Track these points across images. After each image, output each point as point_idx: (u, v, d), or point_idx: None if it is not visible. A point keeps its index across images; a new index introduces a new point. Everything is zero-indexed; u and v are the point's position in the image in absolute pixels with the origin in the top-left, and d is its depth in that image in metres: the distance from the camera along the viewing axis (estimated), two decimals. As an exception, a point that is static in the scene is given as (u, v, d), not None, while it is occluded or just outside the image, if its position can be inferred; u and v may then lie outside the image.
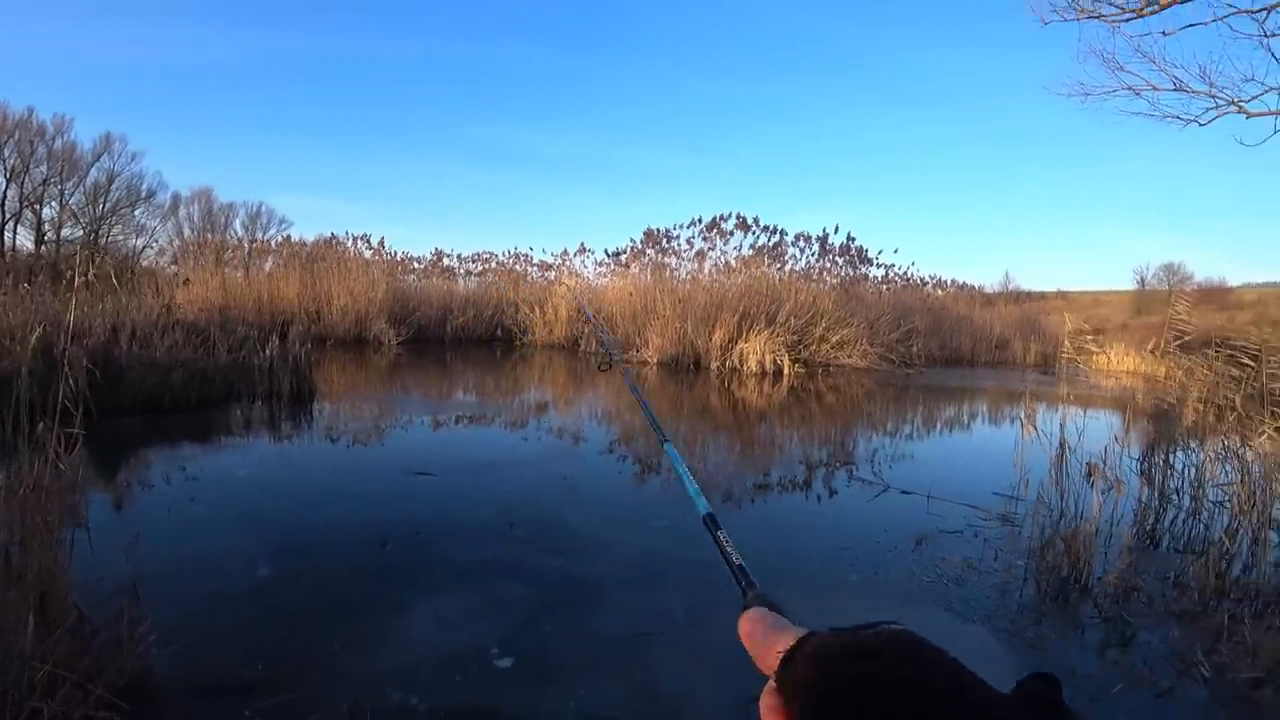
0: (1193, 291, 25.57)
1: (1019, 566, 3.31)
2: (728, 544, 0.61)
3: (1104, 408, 7.79)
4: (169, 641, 2.17)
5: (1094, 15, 5.70)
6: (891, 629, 0.33)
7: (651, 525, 3.80)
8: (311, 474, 4.51)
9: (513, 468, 4.96)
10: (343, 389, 8.38)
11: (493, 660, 2.29)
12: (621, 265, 15.88)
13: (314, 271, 14.27)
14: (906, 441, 7.02)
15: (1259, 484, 3.38)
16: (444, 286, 16.89)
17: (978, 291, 22.64)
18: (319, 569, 2.96)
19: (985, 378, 13.97)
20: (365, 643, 2.36)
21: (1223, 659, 2.44)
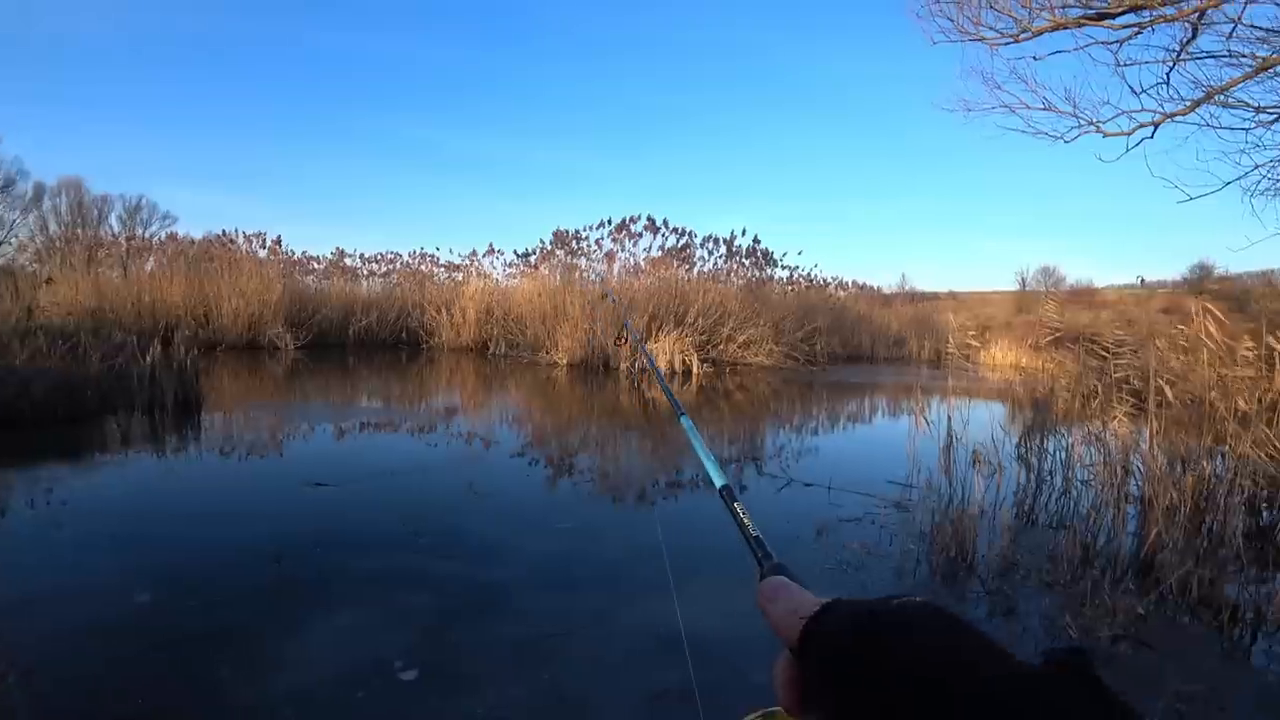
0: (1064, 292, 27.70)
1: (912, 550, 3.49)
2: (745, 515, 0.60)
3: (988, 399, 8.32)
4: (30, 680, 1.98)
5: (976, 38, 6.09)
6: (919, 600, 0.32)
7: (558, 527, 3.77)
8: (198, 491, 4.21)
9: (417, 475, 4.80)
10: (234, 398, 7.88)
11: (396, 673, 2.20)
12: (531, 267, 15.72)
13: (202, 271, 13.34)
14: (810, 436, 7.27)
15: (1118, 463, 3.70)
16: (346, 288, 16.15)
17: (876, 292, 23.81)
18: (205, 593, 2.75)
19: (883, 374, 14.66)
20: (258, 668, 2.22)
21: (1087, 621, 2.67)
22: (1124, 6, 5.24)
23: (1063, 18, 5.53)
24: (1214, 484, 3.50)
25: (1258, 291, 17.96)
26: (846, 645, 0.31)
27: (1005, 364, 14.43)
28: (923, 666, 0.28)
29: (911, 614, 0.31)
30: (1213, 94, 5.44)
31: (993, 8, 5.86)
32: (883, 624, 0.30)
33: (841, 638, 0.32)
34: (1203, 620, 2.80)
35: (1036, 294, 33.48)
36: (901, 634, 0.30)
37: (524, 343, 13.80)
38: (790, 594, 0.39)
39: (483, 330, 14.85)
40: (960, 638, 0.29)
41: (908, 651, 0.29)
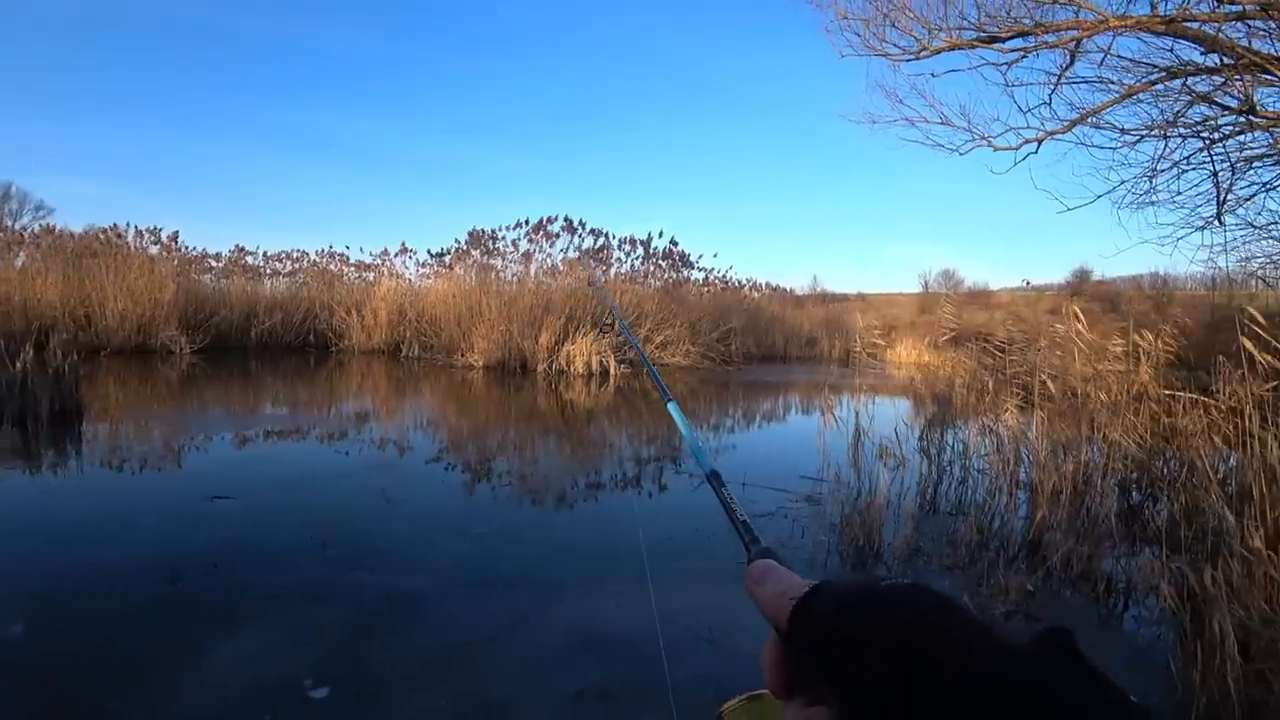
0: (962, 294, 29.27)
1: (824, 541, 3.62)
2: (733, 501, 0.59)
3: (893, 395, 8.74)
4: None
5: (880, 53, 6.40)
6: (907, 582, 0.32)
7: (473, 532, 3.70)
8: (79, 509, 3.86)
9: (327, 483, 4.61)
10: (122, 406, 7.32)
11: (307, 692, 2.10)
12: (445, 267, 15.37)
13: (83, 269, 12.24)
14: (726, 434, 7.44)
15: (1009, 452, 3.97)
16: (247, 288, 15.21)
17: (789, 294, 24.55)
18: (91, 619, 2.53)
19: (796, 373, 15.14)
20: (153, 697, 2.06)
21: (983, 599, 2.86)
22: (1012, 32, 5.63)
23: (958, 39, 5.88)
24: (1091, 469, 3.81)
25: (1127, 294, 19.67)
26: (835, 626, 0.31)
27: (909, 362, 15.20)
28: (912, 645, 0.28)
29: (900, 594, 0.30)
30: (1086, 115, 5.92)
31: (895, 26, 6.17)
32: (871, 603, 0.30)
33: (830, 619, 0.31)
34: (1083, 592, 3.06)
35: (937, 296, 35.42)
36: (890, 612, 0.29)
37: (438, 345, 13.48)
38: (778, 576, 0.38)
39: (395, 332, 14.39)
40: (949, 616, 0.29)
41: (897, 630, 0.28)
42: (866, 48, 6.45)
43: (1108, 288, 23.53)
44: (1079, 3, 5.13)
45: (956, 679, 0.26)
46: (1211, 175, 5.84)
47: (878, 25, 6.30)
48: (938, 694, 0.26)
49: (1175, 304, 12.85)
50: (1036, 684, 0.25)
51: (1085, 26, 5.17)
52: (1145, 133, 5.95)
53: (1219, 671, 1.93)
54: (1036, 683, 0.25)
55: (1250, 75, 4.93)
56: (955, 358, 7.33)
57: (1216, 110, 5.59)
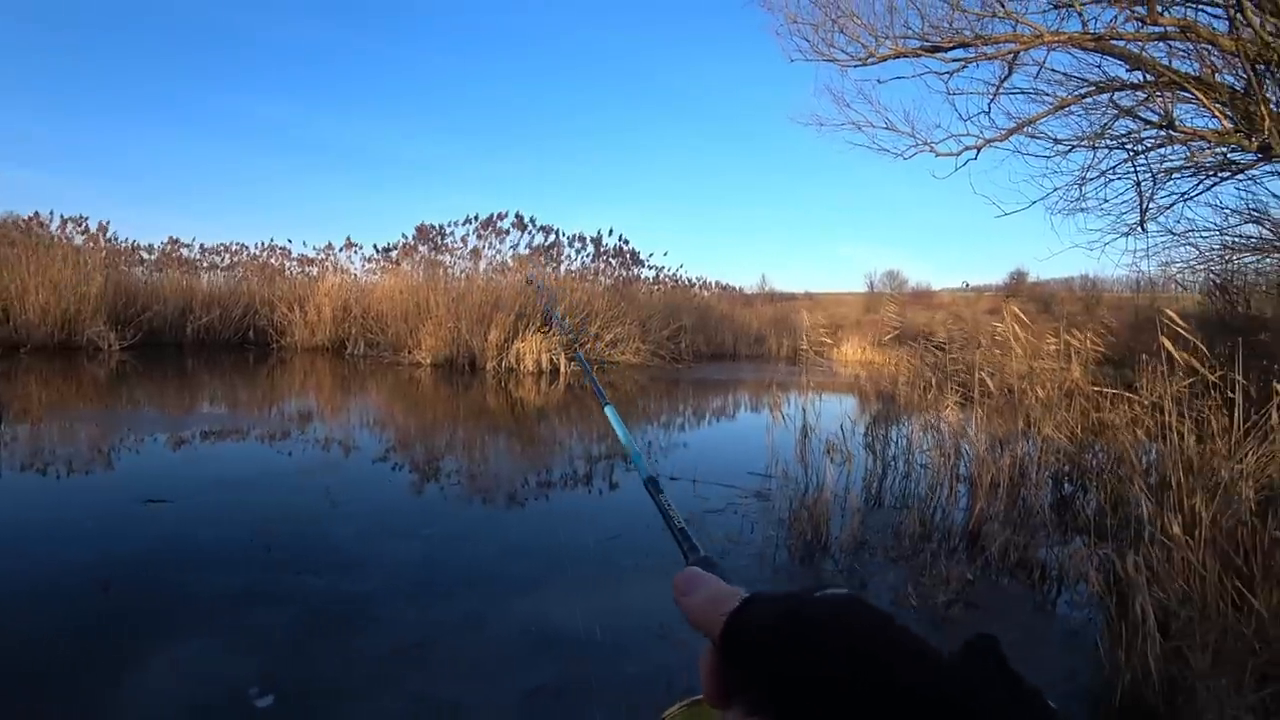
0: (906, 294, 30.08)
1: (772, 536, 3.69)
2: (670, 508, 0.59)
3: (839, 392, 8.94)
4: None
5: (829, 58, 6.55)
6: (836, 594, 0.32)
7: (422, 532, 3.65)
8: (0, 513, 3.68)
9: (269, 485, 4.47)
10: (43, 407, 6.91)
11: (251, 701, 2.03)
12: (392, 262, 15.05)
13: (0, 259, 11.54)
14: (677, 431, 7.50)
15: (950, 447, 4.12)
16: (182, 281, 14.51)
17: (739, 292, 24.85)
18: (18, 629, 2.39)
19: (745, 370, 15.34)
20: (88, 711, 1.96)
21: (925, 589, 2.96)
22: (954, 42, 5.83)
23: (903, 47, 6.06)
24: (1026, 462, 3.98)
25: (1060, 295, 20.58)
26: (771, 641, 0.31)
27: (855, 360, 15.57)
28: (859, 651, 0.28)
29: (838, 608, 0.31)
30: (1022, 125, 6.18)
31: (843, 32, 6.32)
32: (807, 618, 0.30)
33: (765, 633, 0.31)
34: (1019, 580, 3.20)
35: (882, 295, 36.38)
36: (827, 628, 0.29)
37: (385, 342, 13.20)
38: (706, 586, 0.37)
39: (340, 329, 14.01)
40: (885, 630, 0.29)
41: (835, 645, 0.28)
42: (815, 52, 6.59)
43: (1042, 289, 24.55)
44: (1016, 18, 5.35)
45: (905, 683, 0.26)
46: (1135, 184, 6.18)
47: (826, 31, 6.45)
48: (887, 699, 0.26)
49: (1103, 305, 13.53)
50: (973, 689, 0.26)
51: (1022, 40, 5.39)
52: (1076, 143, 6.26)
53: (1141, 650, 2.05)
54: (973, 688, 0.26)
55: (1170, 92, 5.23)
56: (899, 356, 7.57)
57: (1140, 124, 5.91)
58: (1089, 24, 5.04)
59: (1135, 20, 4.77)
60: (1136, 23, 4.78)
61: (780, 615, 0.31)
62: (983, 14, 5.49)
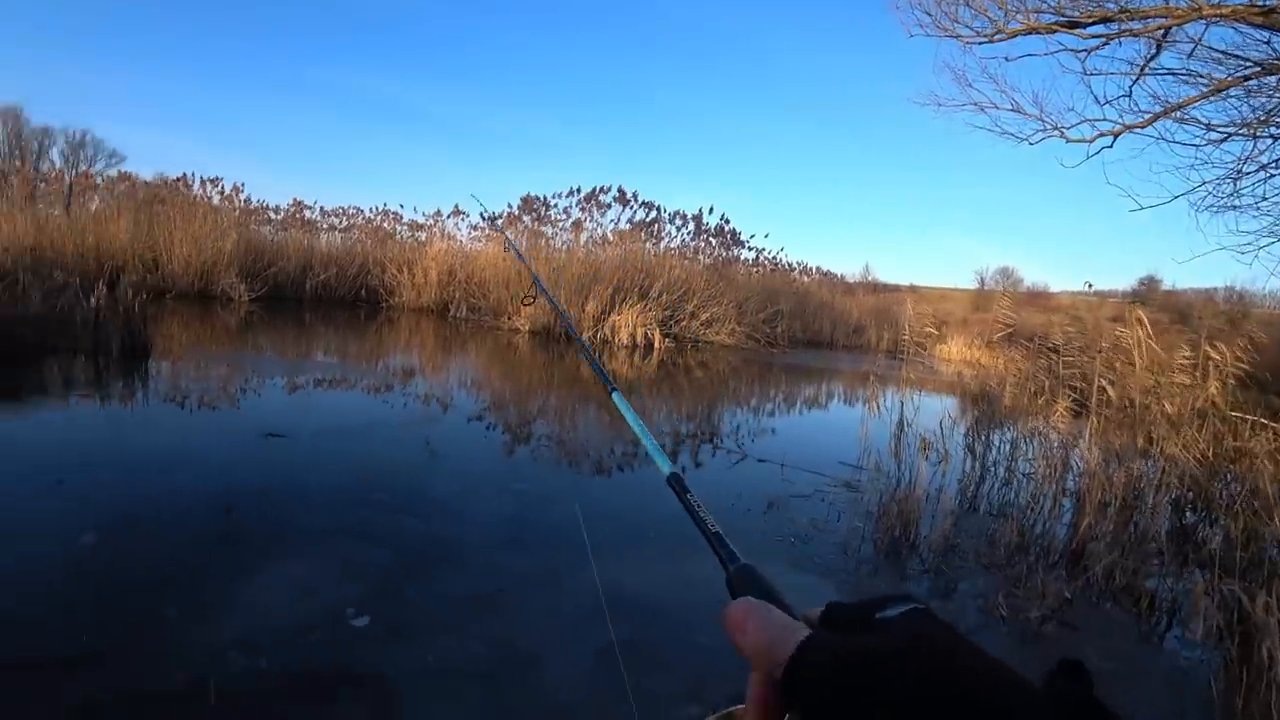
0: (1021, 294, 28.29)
1: (859, 527, 3.60)
2: (700, 509, 0.52)
3: (939, 390, 8.56)
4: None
5: (951, 34, 6.17)
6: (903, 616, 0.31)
7: (513, 488, 3.78)
8: (146, 437, 4.07)
9: (373, 431, 4.75)
10: (185, 346, 7.61)
11: (348, 620, 2.21)
12: (497, 231, 15.49)
13: (152, 215, 12.70)
14: (767, 416, 7.40)
15: (1058, 458, 3.87)
16: (304, 241, 15.54)
17: (840, 280, 24.13)
18: (154, 538, 2.69)
19: (841, 360, 14.94)
20: (207, 611, 2.19)
21: (1018, 601, 2.81)
22: (1094, 17, 5.36)
23: (1036, 22, 5.63)
24: (1143, 483, 3.69)
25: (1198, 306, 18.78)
26: (837, 686, 0.29)
27: (959, 358, 14.83)
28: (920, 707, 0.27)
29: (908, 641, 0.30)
30: (1170, 110, 5.63)
31: (969, 5, 5.94)
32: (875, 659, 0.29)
33: (831, 677, 0.30)
34: (1123, 606, 2.98)
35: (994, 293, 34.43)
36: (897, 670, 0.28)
37: (486, 307, 13.65)
38: (763, 621, 0.35)
39: (444, 292, 14.60)
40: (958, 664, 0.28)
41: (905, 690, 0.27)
42: (937, 28, 6.23)
43: (1178, 298, 22.48)
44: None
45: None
46: (1304, 181, 5.52)
47: (950, 4, 6.08)
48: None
49: (1251, 320, 12.24)
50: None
51: (1175, 14, 4.89)
52: (1233, 130, 5.63)
53: (1264, 699, 1.88)
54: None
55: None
56: (1009, 357, 7.14)
57: (1317, 113, 5.26)
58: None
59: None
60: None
61: (847, 658, 0.30)
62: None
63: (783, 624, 0.35)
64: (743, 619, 0.36)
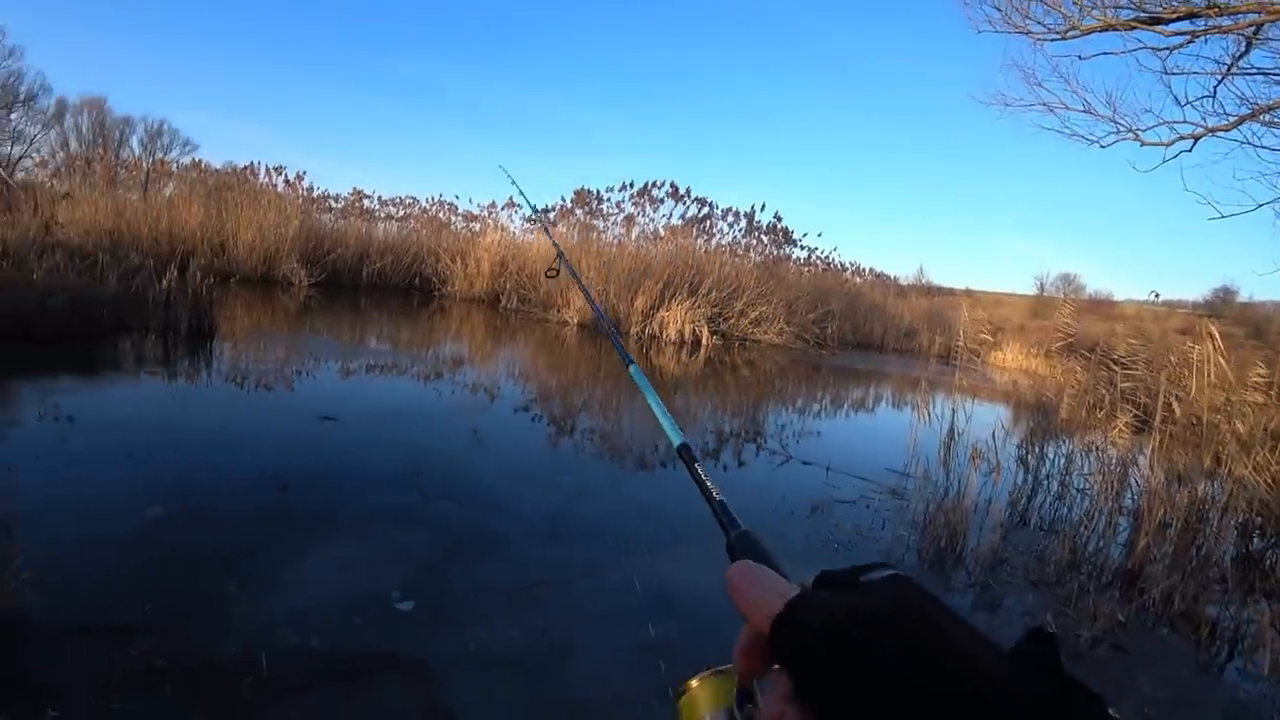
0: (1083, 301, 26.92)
1: (903, 536, 3.55)
2: (707, 479, 0.56)
3: (993, 399, 8.33)
4: (42, 581, 2.05)
5: (1022, 30, 5.96)
6: (886, 580, 0.33)
7: (559, 480, 3.84)
8: (208, 415, 4.26)
9: (422, 419, 4.87)
10: (247, 328, 7.93)
11: (393, 603, 2.28)
12: (549, 222, 15.63)
13: (221, 201, 13.25)
14: (813, 418, 7.32)
15: (1115, 474, 3.73)
16: (362, 229, 15.99)
17: (892, 282, 23.60)
18: (212, 512, 2.83)
19: (892, 364, 14.65)
20: (260, 586, 2.30)
21: (1069, 621, 2.73)
22: (1179, 13, 5.11)
23: (1114, 18, 5.40)
24: (1208, 505, 3.53)
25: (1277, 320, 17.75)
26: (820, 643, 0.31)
27: (1015, 366, 14.39)
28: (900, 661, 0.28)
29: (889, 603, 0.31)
30: (1259, 112, 5.34)
31: (1042, 1, 5.73)
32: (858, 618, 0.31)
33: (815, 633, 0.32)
34: (1181, 633, 2.86)
35: (1054, 299, 33.22)
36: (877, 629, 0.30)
37: (536, 299, 13.81)
38: (758, 581, 0.38)
39: (496, 283, 14.82)
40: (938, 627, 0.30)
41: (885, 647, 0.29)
42: (1007, 23, 6.03)
43: (1255, 311, 21.33)
44: (1268, -13, 4.61)
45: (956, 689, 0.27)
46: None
47: (1022, 0, 5.87)
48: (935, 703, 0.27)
49: (1335, 336, 11.56)
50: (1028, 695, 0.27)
51: (1270, 10, 4.63)
52: (1328, 138, 5.33)
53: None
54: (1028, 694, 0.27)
55: None
56: (1068, 367, 6.90)
57: None
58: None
59: None
60: None
61: (834, 614, 0.32)
62: (1223, -19, 4.77)
63: (775, 583, 0.37)
64: (740, 579, 0.38)
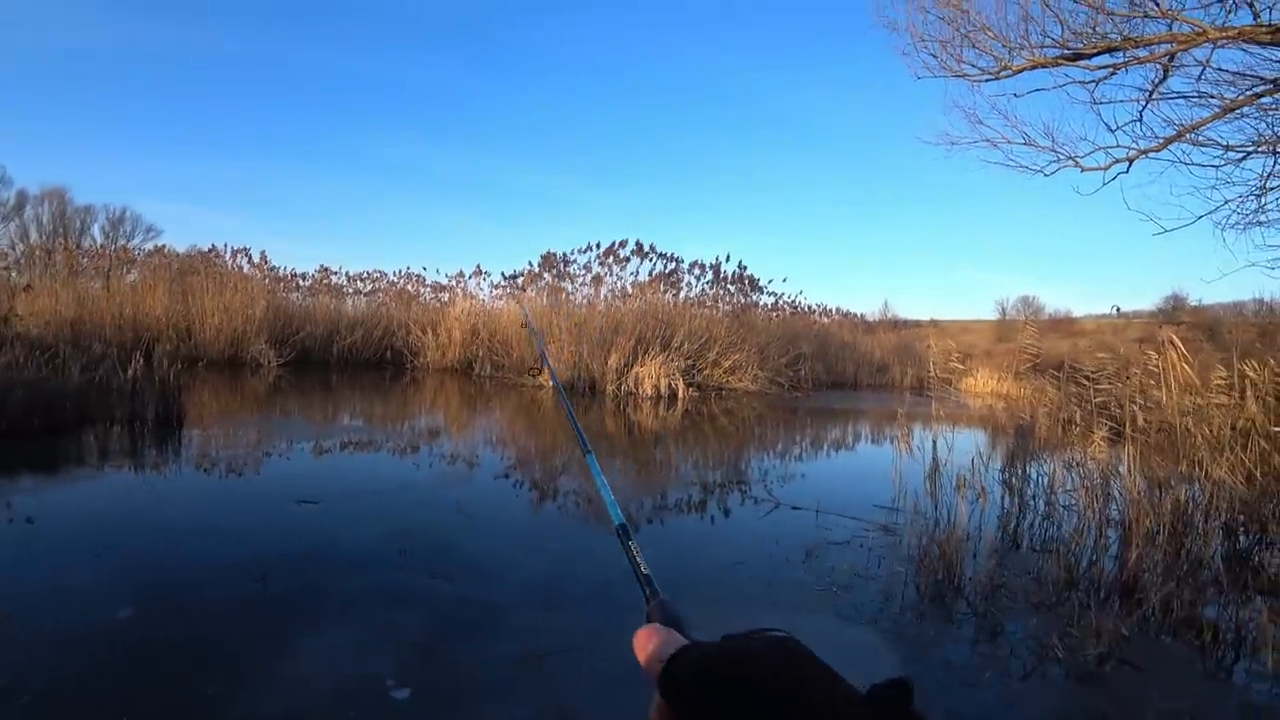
0: (1044, 322, 27.84)
1: (900, 572, 3.52)
2: (638, 554, 0.64)
3: (970, 425, 8.44)
4: (7, 698, 1.94)
5: (959, 75, 6.30)
6: (770, 635, 0.36)
7: (548, 547, 3.77)
8: (180, 506, 4.14)
9: (403, 494, 4.77)
10: (217, 414, 7.78)
11: (389, 692, 2.18)
12: (518, 289, 15.75)
13: (185, 285, 13.17)
14: (796, 461, 7.32)
15: (1098, 488, 3.78)
16: (330, 305, 15.98)
17: (860, 319, 24.01)
18: (190, 608, 2.71)
19: (867, 400, 14.79)
20: (244, 685, 2.18)
21: (1073, 641, 2.71)
22: (1098, 48, 5.44)
23: (1041, 57, 5.73)
24: (1191, 508, 3.58)
25: (1228, 322, 18.38)
26: (699, 684, 0.35)
27: (986, 391, 14.62)
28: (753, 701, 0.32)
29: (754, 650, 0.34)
30: (1184, 132, 5.65)
31: (974, 46, 6.06)
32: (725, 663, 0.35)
33: (695, 678, 0.36)
34: (1184, 640, 2.86)
35: (1016, 322, 33.99)
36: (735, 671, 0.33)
37: (509, 364, 13.79)
38: (657, 639, 0.42)
39: (468, 351, 14.80)
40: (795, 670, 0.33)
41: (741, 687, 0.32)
42: (944, 69, 6.36)
43: (1205, 314, 22.03)
44: (1172, 15, 4.93)
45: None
46: (1327, 195, 5.48)
47: (955, 46, 6.22)
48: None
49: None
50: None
51: (1180, 39, 4.95)
52: (1251, 149, 5.63)
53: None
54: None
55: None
56: (1038, 386, 7.04)
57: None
58: (1262, 15, 4.56)
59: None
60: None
61: (708, 660, 0.36)
62: (1131, 14, 5.09)
63: (673, 639, 0.41)
64: (645, 639, 0.42)
